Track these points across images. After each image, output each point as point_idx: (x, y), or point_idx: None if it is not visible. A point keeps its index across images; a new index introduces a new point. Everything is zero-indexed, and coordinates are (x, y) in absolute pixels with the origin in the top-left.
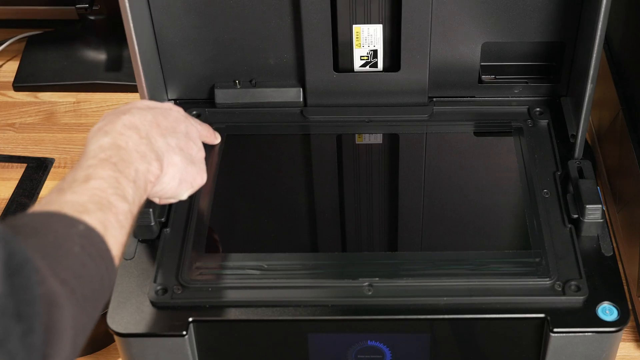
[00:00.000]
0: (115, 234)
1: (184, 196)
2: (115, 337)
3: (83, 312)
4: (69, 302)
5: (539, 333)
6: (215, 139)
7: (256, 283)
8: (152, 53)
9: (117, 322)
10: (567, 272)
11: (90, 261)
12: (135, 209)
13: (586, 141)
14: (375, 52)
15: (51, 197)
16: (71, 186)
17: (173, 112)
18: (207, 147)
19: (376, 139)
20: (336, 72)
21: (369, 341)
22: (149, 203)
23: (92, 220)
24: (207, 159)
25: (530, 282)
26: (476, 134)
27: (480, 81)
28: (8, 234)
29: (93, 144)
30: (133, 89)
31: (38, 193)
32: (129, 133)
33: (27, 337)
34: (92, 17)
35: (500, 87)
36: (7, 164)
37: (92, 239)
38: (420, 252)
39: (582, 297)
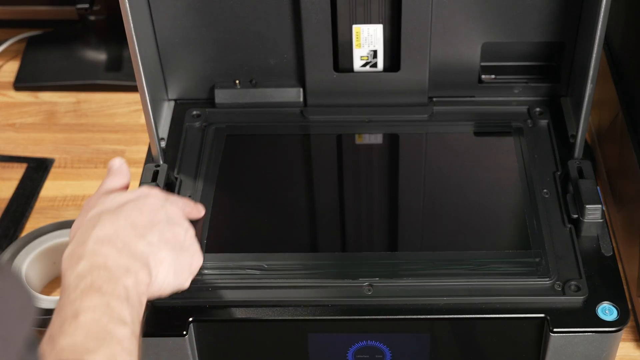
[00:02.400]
0: None
1: (186, 285)
2: None
3: None
4: None
5: (539, 333)
6: (199, 212)
7: (256, 283)
8: (152, 53)
9: None
10: (567, 272)
11: None
12: (137, 328)
13: (586, 141)
14: (375, 52)
15: (44, 349)
16: (61, 329)
17: (149, 200)
18: (208, 148)
19: (376, 139)
20: (336, 72)
21: (369, 341)
22: None
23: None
24: (207, 159)
25: (530, 282)
26: (476, 134)
27: (480, 81)
28: None
29: (70, 275)
30: (133, 89)
31: (38, 193)
32: (104, 250)
33: None
34: (92, 17)
35: (500, 87)
36: (7, 164)
37: None
38: (420, 252)
39: (582, 297)
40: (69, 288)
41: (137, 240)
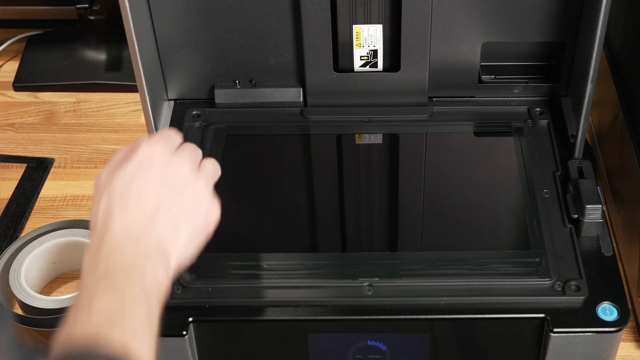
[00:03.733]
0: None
1: (205, 237)
2: None
3: None
4: None
5: (539, 333)
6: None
7: (256, 283)
8: (152, 53)
9: None
10: (567, 272)
11: None
12: (155, 311)
13: (586, 141)
14: (375, 52)
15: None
16: (75, 317)
17: (152, 170)
18: (208, 148)
19: (376, 139)
20: (336, 72)
21: (369, 341)
22: None
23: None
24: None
25: (530, 282)
26: (476, 134)
27: (480, 81)
28: None
29: (88, 274)
30: (133, 89)
31: (38, 193)
32: (120, 244)
33: None
34: (92, 17)
35: (500, 87)
36: (7, 164)
37: None
38: (420, 252)
39: (582, 297)
40: (86, 286)
41: (150, 229)
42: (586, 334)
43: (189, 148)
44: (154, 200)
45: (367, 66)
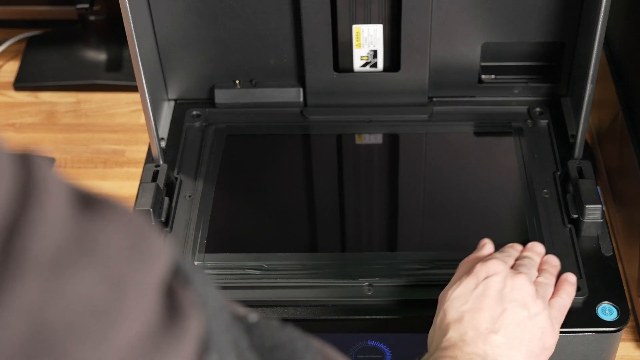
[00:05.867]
0: None
1: (546, 356)
2: None
3: None
4: None
5: None
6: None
7: (256, 283)
8: (152, 53)
9: None
10: (567, 272)
11: None
12: None
13: (586, 141)
14: (375, 52)
15: None
16: None
17: (488, 290)
18: (208, 149)
19: (376, 139)
20: (336, 72)
21: (369, 341)
22: (149, 201)
23: None
24: (207, 159)
25: None
26: (476, 134)
27: (480, 81)
28: None
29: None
30: (133, 89)
31: None
32: (451, 353)
33: None
34: (92, 17)
35: (500, 87)
36: None
37: None
38: (420, 252)
39: (582, 297)
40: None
41: (487, 339)
42: (586, 333)
43: (525, 266)
44: (488, 317)
45: (367, 66)
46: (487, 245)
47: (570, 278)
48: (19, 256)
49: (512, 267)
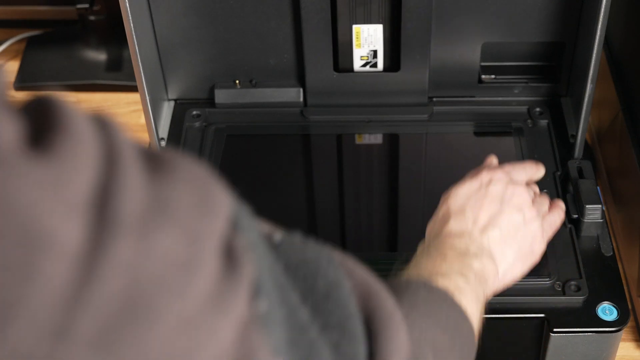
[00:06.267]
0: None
1: (524, 271)
2: None
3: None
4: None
5: (539, 333)
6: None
7: None
8: (152, 53)
9: None
10: (567, 272)
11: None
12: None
13: (586, 141)
14: (375, 52)
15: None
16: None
17: (490, 190)
18: (208, 149)
19: (376, 139)
20: (336, 72)
21: None
22: None
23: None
24: (207, 159)
25: (530, 282)
26: (476, 134)
27: (480, 81)
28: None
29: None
30: (133, 89)
31: None
32: (451, 241)
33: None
34: (92, 17)
35: (500, 87)
36: None
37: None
38: None
39: (582, 297)
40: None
41: (481, 236)
42: (586, 333)
43: (529, 188)
44: (489, 212)
45: (367, 66)
46: (493, 161)
47: (561, 204)
48: (114, 218)
49: None
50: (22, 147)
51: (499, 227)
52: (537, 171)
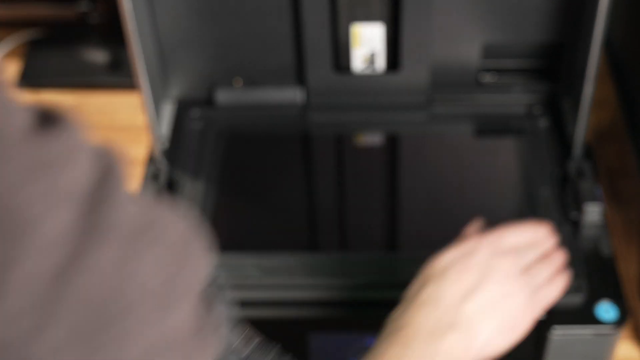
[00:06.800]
0: None
1: (513, 340)
2: None
3: None
4: None
5: (539, 333)
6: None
7: (256, 282)
8: (152, 53)
9: None
10: (567, 270)
11: None
12: None
13: (586, 141)
14: (375, 52)
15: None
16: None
17: (474, 259)
18: (208, 149)
19: (376, 139)
20: (336, 72)
21: (369, 340)
22: None
23: None
24: (208, 159)
25: None
26: (476, 134)
27: (479, 81)
28: None
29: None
30: (134, 89)
31: None
32: (424, 310)
33: None
34: (93, 18)
35: (500, 87)
36: None
37: None
38: (420, 252)
39: (581, 297)
40: (381, 339)
41: (461, 304)
42: (585, 333)
43: (520, 252)
44: (470, 281)
45: (367, 66)
46: (476, 226)
47: (565, 276)
48: (106, 221)
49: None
50: (27, 132)
51: (476, 299)
52: (536, 231)
